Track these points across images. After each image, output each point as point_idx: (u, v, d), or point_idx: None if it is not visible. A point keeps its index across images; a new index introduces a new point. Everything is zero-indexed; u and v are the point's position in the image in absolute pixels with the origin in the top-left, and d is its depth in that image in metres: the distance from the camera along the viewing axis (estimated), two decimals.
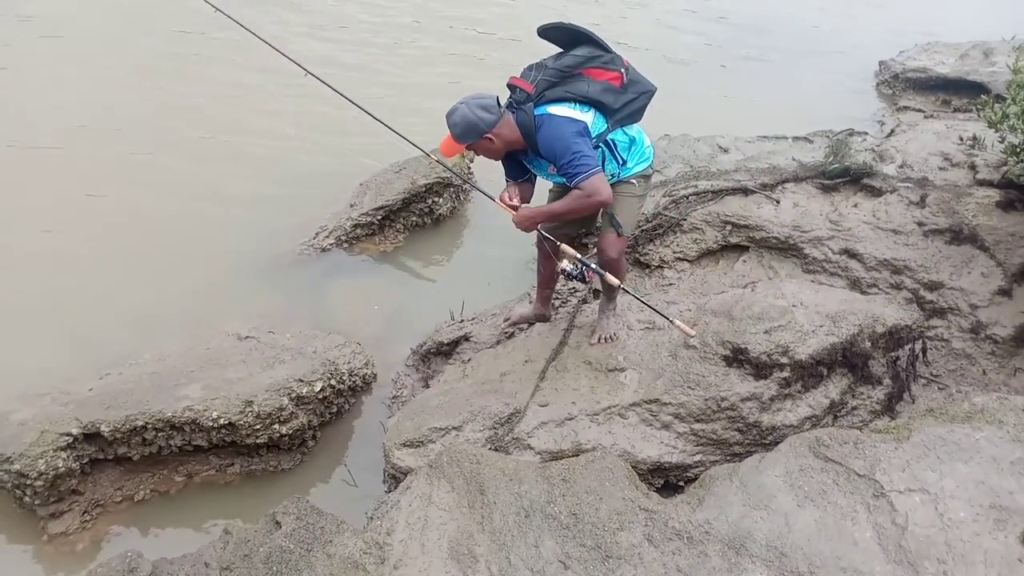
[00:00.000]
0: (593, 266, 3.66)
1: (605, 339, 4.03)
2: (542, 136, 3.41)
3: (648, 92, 3.62)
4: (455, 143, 3.44)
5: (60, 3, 8.82)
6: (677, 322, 3.76)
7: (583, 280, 3.72)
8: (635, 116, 3.65)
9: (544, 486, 3.02)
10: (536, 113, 3.43)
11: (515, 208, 3.60)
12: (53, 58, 7.71)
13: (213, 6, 4.38)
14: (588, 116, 3.45)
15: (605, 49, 3.52)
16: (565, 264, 3.67)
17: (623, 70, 3.52)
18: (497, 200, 3.67)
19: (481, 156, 3.62)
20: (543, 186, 3.87)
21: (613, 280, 3.65)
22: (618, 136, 3.61)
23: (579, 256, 3.65)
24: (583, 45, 3.50)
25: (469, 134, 3.40)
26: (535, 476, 3.07)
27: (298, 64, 4.18)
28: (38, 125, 6.63)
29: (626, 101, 3.53)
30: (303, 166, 6.40)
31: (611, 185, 3.57)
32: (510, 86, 3.54)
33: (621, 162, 3.67)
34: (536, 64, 3.53)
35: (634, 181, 3.72)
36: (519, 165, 3.73)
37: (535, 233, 3.75)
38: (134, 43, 8.13)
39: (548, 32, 3.52)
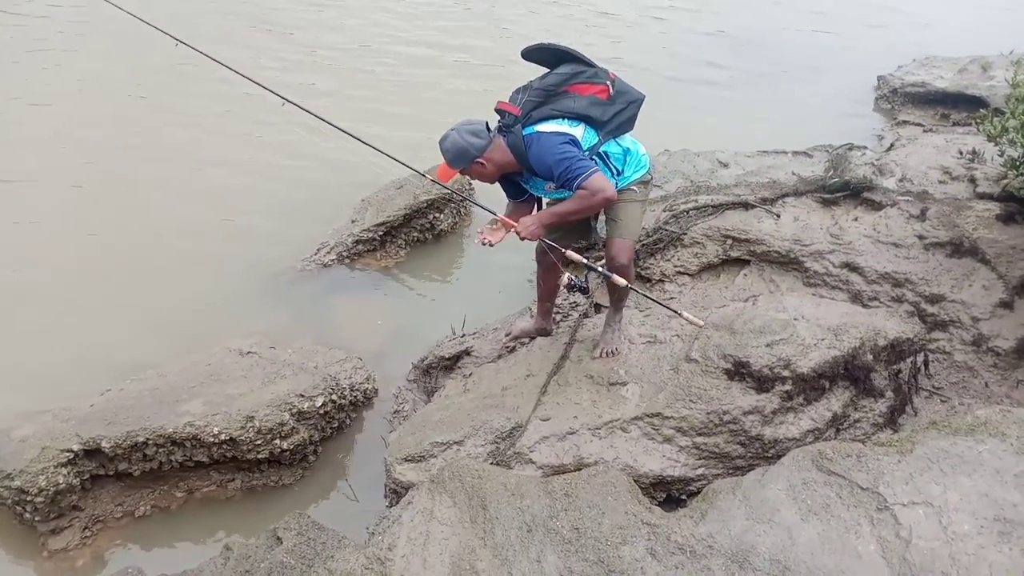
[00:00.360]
0: (600, 268, 3.64)
1: (608, 353, 4.03)
2: (533, 154, 3.44)
3: (636, 101, 3.65)
4: (449, 168, 3.53)
5: (40, 38, 8.86)
6: (685, 314, 3.75)
7: (585, 292, 3.73)
8: (626, 126, 3.68)
9: (546, 501, 3.01)
10: (525, 133, 3.47)
11: (500, 235, 3.60)
12: (34, 93, 7.75)
13: (175, 39, 4.37)
14: (577, 130, 3.48)
15: (589, 64, 3.56)
16: (567, 277, 3.67)
17: (609, 83, 3.56)
18: (491, 230, 3.69)
19: (476, 180, 3.68)
20: None
21: (620, 280, 3.62)
22: (611, 148, 3.64)
23: (585, 260, 3.62)
24: (566, 63, 3.55)
25: (460, 159, 3.47)
26: (537, 491, 3.06)
27: (277, 94, 4.22)
28: (31, 157, 6.66)
29: (614, 112, 3.57)
30: (301, 185, 6.42)
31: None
32: (498, 111, 3.60)
33: (616, 172, 3.68)
34: (522, 87, 3.59)
35: (634, 188, 3.74)
36: (517, 186, 3.77)
37: (535, 247, 3.76)
38: (115, 77, 8.14)
39: (532, 54, 3.58)
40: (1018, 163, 4.59)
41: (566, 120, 3.48)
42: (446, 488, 3.11)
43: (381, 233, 5.64)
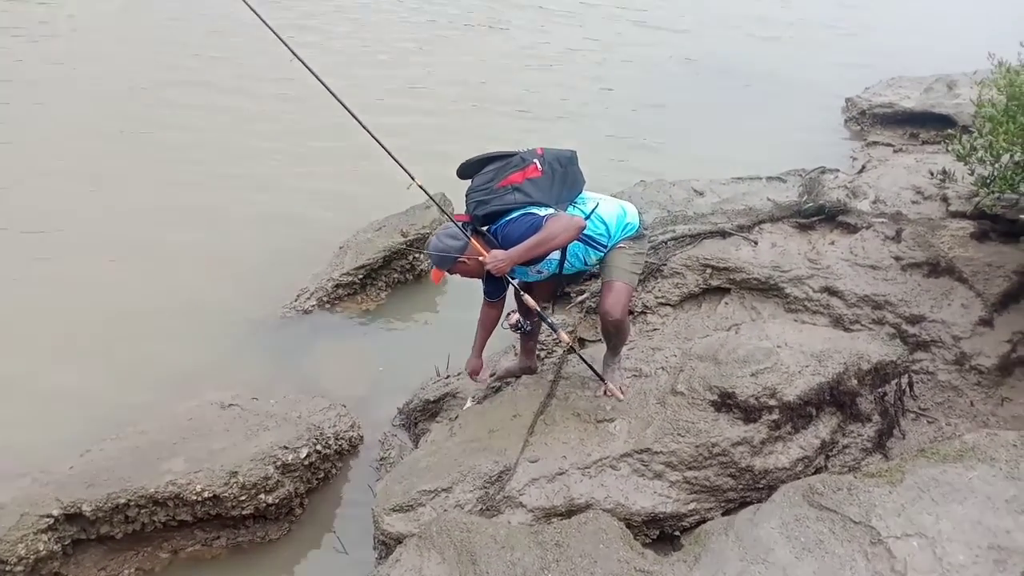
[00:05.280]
0: (549, 321, 3.80)
1: (610, 392, 4.00)
2: (505, 240, 3.59)
3: (569, 159, 3.80)
4: (438, 270, 3.72)
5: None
6: (609, 385, 3.96)
7: (527, 334, 4.01)
8: (575, 186, 3.79)
9: (537, 552, 2.96)
10: (492, 231, 3.67)
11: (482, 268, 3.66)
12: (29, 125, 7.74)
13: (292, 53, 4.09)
14: (537, 213, 3.61)
15: (512, 154, 3.75)
16: (516, 316, 3.84)
17: (537, 160, 3.70)
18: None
19: (464, 277, 3.84)
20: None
21: (564, 337, 3.79)
22: (592, 228, 3.71)
23: (539, 309, 3.76)
24: (491, 163, 3.74)
25: (444, 261, 3.66)
26: (528, 542, 3.02)
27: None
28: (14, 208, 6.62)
29: (555, 181, 3.70)
30: (279, 232, 6.37)
31: (606, 251, 3.77)
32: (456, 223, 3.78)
33: (602, 247, 3.78)
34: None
35: (622, 244, 3.80)
36: (496, 286, 3.91)
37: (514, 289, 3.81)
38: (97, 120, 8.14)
39: (466, 171, 3.79)
40: (988, 181, 4.66)
41: (519, 210, 3.63)
42: (434, 543, 3.06)
43: (361, 276, 5.61)
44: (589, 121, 8.55)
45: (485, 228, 3.70)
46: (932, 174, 5.43)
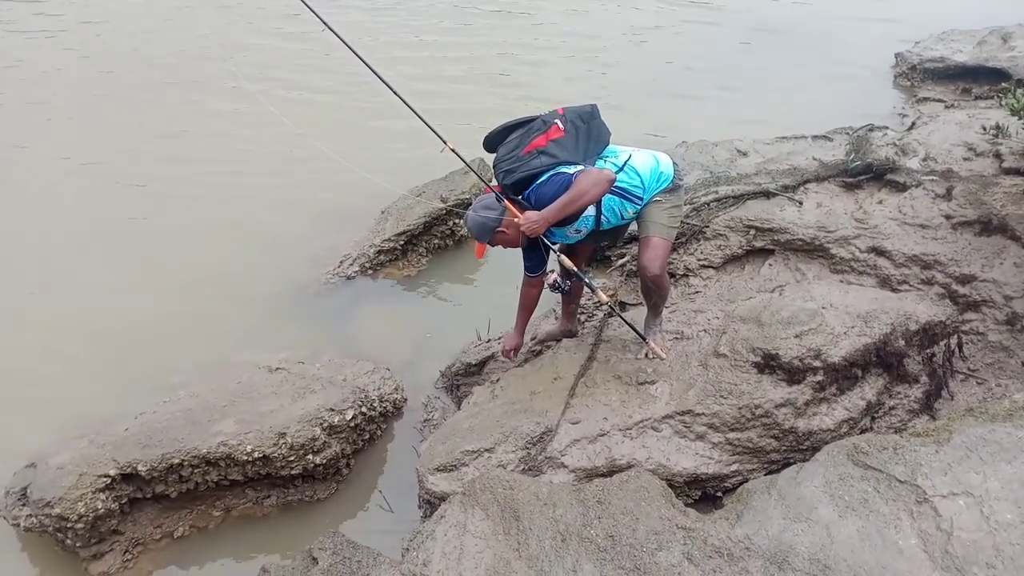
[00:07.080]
0: (587, 280, 3.74)
1: (652, 355, 4.00)
2: (541, 203, 3.56)
3: (590, 114, 3.74)
4: (479, 243, 3.71)
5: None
6: (651, 343, 3.91)
7: (566, 293, 3.93)
8: (600, 140, 3.73)
9: (579, 509, 2.99)
10: (524, 197, 3.64)
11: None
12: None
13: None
14: (566, 172, 3.57)
15: (532, 119, 3.73)
16: (554, 276, 3.81)
17: (557, 120, 3.66)
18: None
19: (507, 248, 3.82)
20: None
21: (602, 297, 3.74)
22: (625, 180, 3.66)
23: (575, 269, 3.72)
24: (513, 131, 3.73)
25: (484, 233, 3.67)
26: (570, 499, 3.04)
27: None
28: (54, 170, 6.79)
29: (579, 138, 3.66)
30: (321, 200, 6.43)
31: (642, 204, 3.70)
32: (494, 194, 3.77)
33: (638, 199, 3.72)
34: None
35: (658, 198, 3.74)
36: (536, 262, 3.90)
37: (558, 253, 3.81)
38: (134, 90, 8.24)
39: (491, 142, 3.79)
40: None
41: (549, 171, 3.59)
42: (478, 500, 3.10)
43: (402, 242, 5.65)
44: (628, 96, 8.34)
45: (518, 196, 3.68)
46: (985, 129, 5.25)
